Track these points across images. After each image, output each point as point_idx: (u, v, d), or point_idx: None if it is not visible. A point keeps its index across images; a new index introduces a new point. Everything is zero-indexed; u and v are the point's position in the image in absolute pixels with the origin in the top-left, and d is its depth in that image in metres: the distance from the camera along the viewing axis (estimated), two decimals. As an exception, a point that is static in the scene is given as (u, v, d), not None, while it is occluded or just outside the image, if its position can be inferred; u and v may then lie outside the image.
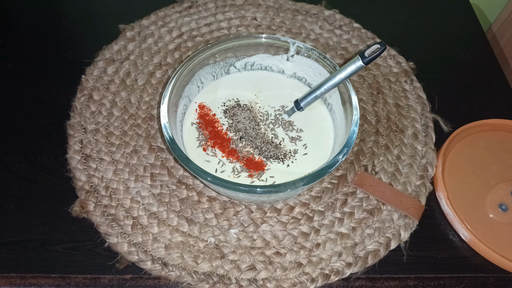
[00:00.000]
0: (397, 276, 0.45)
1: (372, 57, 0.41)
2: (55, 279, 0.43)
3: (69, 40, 0.62)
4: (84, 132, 0.52)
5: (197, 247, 0.44)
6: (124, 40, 0.60)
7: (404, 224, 0.47)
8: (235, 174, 0.45)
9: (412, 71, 0.59)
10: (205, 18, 0.63)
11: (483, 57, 0.64)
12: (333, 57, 0.60)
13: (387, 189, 0.48)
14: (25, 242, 0.45)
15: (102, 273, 0.43)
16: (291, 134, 0.49)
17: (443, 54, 0.64)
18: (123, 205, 0.47)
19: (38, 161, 0.50)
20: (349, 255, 0.45)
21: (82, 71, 0.57)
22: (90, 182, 0.48)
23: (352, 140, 0.41)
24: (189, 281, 0.43)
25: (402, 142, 0.53)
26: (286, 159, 0.47)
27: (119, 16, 0.64)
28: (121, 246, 0.44)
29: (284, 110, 0.50)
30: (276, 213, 0.47)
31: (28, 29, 0.63)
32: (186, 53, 0.60)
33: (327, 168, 0.40)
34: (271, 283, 0.43)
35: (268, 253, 0.44)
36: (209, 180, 0.39)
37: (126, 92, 0.55)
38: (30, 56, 0.60)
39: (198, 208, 0.47)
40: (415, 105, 0.56)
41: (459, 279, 0.45)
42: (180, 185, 0.48)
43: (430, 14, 0.69)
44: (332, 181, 0.49)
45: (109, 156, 0.50)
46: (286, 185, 0.38)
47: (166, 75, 0.57)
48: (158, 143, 0.51)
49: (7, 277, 0.43)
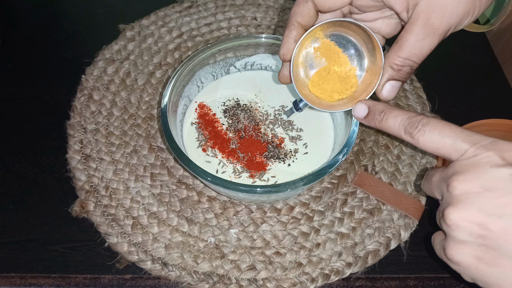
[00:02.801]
0: (397, 276, 0.45)
1: None
2: (55, 279, 0.43)
3: (69, 40, 0.62)
4: (84, 132, 0.52)
5: (197, 247, 0.44)
6: (124, 40, 0.60)
7: (404, 224, 0.47)
8: (236, 174, 0.45)
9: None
10: (205, 18, 0.63)
11: (483, 57, 0.64)
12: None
13: (387, 189, 0.48)
14: (25, 242, 0.45)
15: (102, 273, 0.43)
16: (291, 133, 0.49)
17: (443, 54, 0.64)
18: (123, 205, 0.47)
19: (38, 161, 0.50)
20: (349, 255, 0.45)
21: (82, 71, 0.57)
22: (90, 182, 0.48)
23: (352, 140, 0.41)
24: (189, 281, 0.43)
25: (402, 142, 0.53)
26: (287, 159, 0.47)
27: (119, 16, 0.64)
28: (121, 246, 0.44)
29: (283, 110, 0.50)
30: (276, 213, 0.47)
31: (28, 29, 0.63)
32: (186, 53, 0.60)
33: (327, 168, 0.40)
34: (271, 283, 0.43)
35: (268, 253, 0.44)
36: (209, 180, 0.39)
37: (126, 92, 0.55)
38: (30, 56, 0.60)
39: (198, 208, 0.47)
40: (415, 105, 0.56)
41: (459, 279, 0.45)
42: (180, 185, 0.48)
43: (430, 14, 0.69)
44: (332, 181, 0.49)
45: (109, 156, 0.50)
46: (286, 185, 0.38)
47: (166, 75, 0.57)
48: (158, 143, 0.51)
49: (7, 277, 0.43)
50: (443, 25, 0.30)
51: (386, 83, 0.34)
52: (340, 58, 0.37)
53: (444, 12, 0.29)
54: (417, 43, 0.31)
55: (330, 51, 0.37)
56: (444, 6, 0.29)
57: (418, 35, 0.31)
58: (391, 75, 0.34)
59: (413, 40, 0.31)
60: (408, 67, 0.33)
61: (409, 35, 0.31)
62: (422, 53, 0.32)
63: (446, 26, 0.30)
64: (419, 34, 0.31)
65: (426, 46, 0.31)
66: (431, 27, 0.30)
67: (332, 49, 0.37)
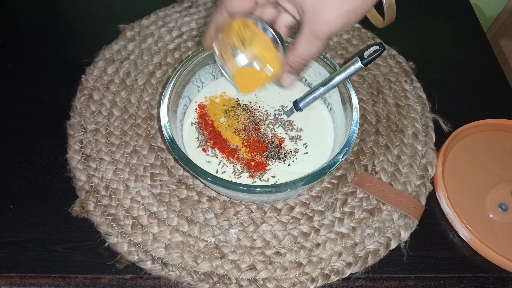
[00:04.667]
0: (397, 276, 0.45)
1: (371, 58, 0.41)
2: (55, 279, 0.43)
3: (69, 40, 0.62)
4: (84, 132, 0.52)
5: (197, 247, 0.44)
6: (124, 40, 0.60)
7: (404, 224, 0.47)
8: (236, 174, 0.45)
9: (412, 71, 0.59)
10: (205, 18, 0.63)
11: (483, 57, 0.64)
12: (333, 57, 0.60)
13: (387, 189, 0.48)
14: (25, 242, 0.45)
15: (102, 273, 0.43)
16: (291, 133, 0.49)
17: (443, 54, 0.64)
18: (123, 205, 0.47)
19: (38, 161, 0.50)
20: (349, 255, 0.45)
21: (82, 71, 0.57)
22: (90, 182, 0.48)
23: (352, 140, 0.41)
24: (189, 281, 0.43)
25: (402, 142, 0.53)
26: (287, 159, 0.47)
27: (119, 16, 0.64)
28: (121, 246, 0.44)
29: (283, 110, 0.50)
30: (276, 213, 0.47)
31: (28, 29, 0.63)
32: (186, 53, 0.60)
33: (327, 168, 0.40)
34: (271, 283, 0.43)
35: (268, 253, 0.44)
36: (209, 180, 0.39)
37: (126, 92, 0.55)
38: (30, 56, 0.60)
39: (198, 208, 0.47)
40: (415, 105, 0.56)
41: (459, 279, 0.45)
42: (180, 185, 0.48)
43: (430, 14, 0.69)
44: (332, 181, 0.49)
45: (109, 156, 0.50)
46: (286, 185, 0.38)
47: (166, 75, 0.57)
48: (158, 143, 0.51)
49: (7, 277, 0.43)
50: (325, 32, 0.36)
51: (285, 75, 0.42)
52: (263, 39, 0.42)
53: (323, 23, 0.35)
54: (306, 46, 0.37)
55: (255, 33, 0.42)
56: (323, 18, 0.35)
57: (306, 40, 0.37)
58: (288, 69, 0.41)
59: (303, 43, 0.37)
60: (301, 64, 0.39)
61: (300, 39, 0.37)
62: (311, 54, 0.38)
63: (327, 33, 0.36)
64: (307, 38, 0.37)
65: (313, 48, 0.37)
66: (315, 34, 0.36)
67: (256, 32, 0.42)
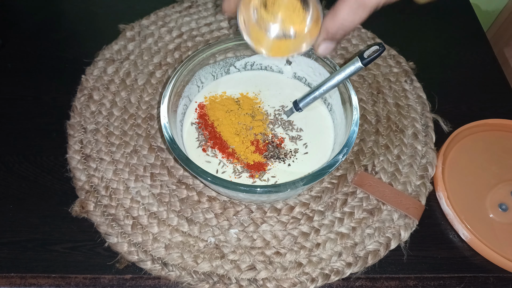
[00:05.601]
0: (397, 276, 0.45)
1: (371, 58, 0.41)
2: (55, 279, 0.43)
3: (69, 40, 0.62)
4: (84, 132, 0.52)
5: (197, 247, 0.44)
6: (124, 40, 0.60)
7: (404, 224, 0.47)
8: (236, 174, 0.45)
9: (412, 71, 0.59)
10: (205, 18, 0.63)
11: (483, 57, 0.64)
12: (333, 57, 0.60)
13: (387, 189, 0.48)
14: (25, 242, 0.45)
15: (102, 273, 0.43)
16: (291, 133, 0.49)
17: (443, 54, 0.64)
18: (123, 205, 0.47)
19: (38, 161, 0.50)
20: (349, 255, 0.45)
21: (82, 71, 0.57)
22: (90, 182, 0.48)
23: (352, 140, 0.41)
24: (189, 281, 0.43)
25: (402, 142, 0.53)
26: (287, 159, 0.47)
27: (119, 16, 0.64)
28: (121, 246, 0.44)
29: (283, 110, 0.50)
30: (276, 213, 0.47)
31: (28, 29, 0.63)
32: (186, 53, 0.60)
33: (327, 168, 0.40)
34: (271, 283, 0.43)
35: (268, 253, 0.44)
36: (209, 180, 0.39)
37: (126, 92, 0.55)
38: (30, 56, 0.60)
39: (198, 208, 0.47)
40: (415, 105, 0.56)
41: (459, 279, 0.45)
42: (180, 185, 0.48)
43: (430, 14, 0.69)
44: (332, 181, 0.49)
45: (109, 156, 0.50)
46: (286, 185, 0.38)
47: (166, 75, 0.57)
48: (158, 143, 0.51)
49: (7, 277, 0.43)
50: (374, 1, 0.34)
51: (322, 42, 0.39)
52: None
53: None
54: (350, 14, 0.35)
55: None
56: None
57: (351, 7, 0.35)
58: (326, 36, 0.38)
59: (347, 10, 0.35)
60: (341, 33, 0.38)
61: (343, 5, 0.35)
62: (354, 23, 0.36)
63: (376, 2, 0.34)
64: (352, 6, 0.35)
65: (357, 17, 0.35)
66: (361, 1, 0.34)
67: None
